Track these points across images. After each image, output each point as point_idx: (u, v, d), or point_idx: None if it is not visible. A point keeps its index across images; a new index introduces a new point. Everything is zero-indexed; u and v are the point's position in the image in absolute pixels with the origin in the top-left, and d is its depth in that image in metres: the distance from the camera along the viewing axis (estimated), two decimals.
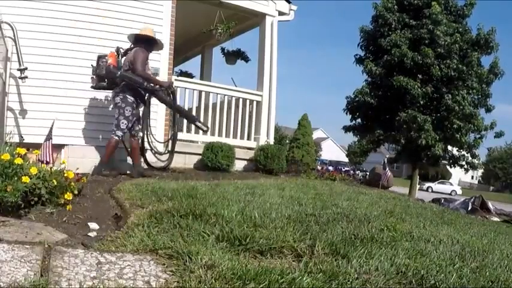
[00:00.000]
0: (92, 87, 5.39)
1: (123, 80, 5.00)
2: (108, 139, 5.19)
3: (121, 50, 5.24)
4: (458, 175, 44.01)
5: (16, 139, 4.82)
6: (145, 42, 5.16)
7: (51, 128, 4.18)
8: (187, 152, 6.42)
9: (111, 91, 5.26)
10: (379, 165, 8.06)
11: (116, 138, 5.10)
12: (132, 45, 5.19)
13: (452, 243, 2.91)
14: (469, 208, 8.04)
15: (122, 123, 5.07)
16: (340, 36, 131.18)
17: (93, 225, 2.96)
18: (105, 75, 5.13)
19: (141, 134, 5.44)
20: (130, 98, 5.06)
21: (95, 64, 5.23)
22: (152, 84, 5.16)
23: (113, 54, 5.14)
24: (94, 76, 5.30)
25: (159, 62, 6.03)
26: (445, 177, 44.80)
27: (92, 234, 2.77)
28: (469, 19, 14.12)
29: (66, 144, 5.41)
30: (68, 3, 5.43)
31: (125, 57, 5.18)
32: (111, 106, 5.48)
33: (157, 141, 6.03)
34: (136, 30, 5.81)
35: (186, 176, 5.40)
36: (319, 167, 8.84)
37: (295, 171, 6.91)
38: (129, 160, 5.50)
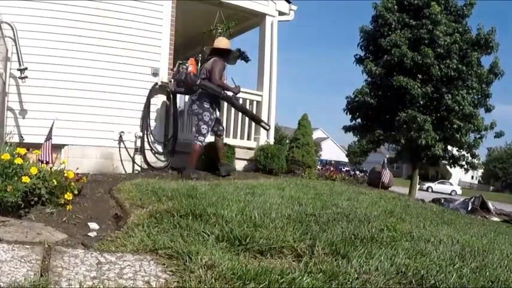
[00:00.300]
0: (170, 91, 5.81)
1: (201, 87, 5.34)
2: (110, 139, 5.39)
3: (199, 59, 5.66)
4: (458, 175, 44.00)
5: (16, 139, 4.82)
6: (222, 53, 5.52)
7: (51, 128, 4.17)
8: (187, 152, 6.42)
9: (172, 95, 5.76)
10: (379, 165, 8.06)
11: (199, 143, 5.42)
12: (209, 56, 5.57)
13: (452, 243, 2.91)
14: (469, 208, 8.03)
15: (203, 128, 5.39)
16: (340, 36, 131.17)
17: (93, 225, 2.96)
18: (184, 81, 5.45)
19: (222, 133, 5.78)
20: (207, 104, 5.38)
21: (175, 69, 5.61)
22: (228, 92, 5.51)
23: (192, 61, 5.54)
24: (172, 80, 5.67)
25: (159, 62, 6.03)
26: (445, 177, 44.80)
27: (92, 234, 2.77)
28: (468, 19, 14.14)
29: (66, 144, 5.40)
30: (68, 3, 5.42)
31: (202, 66, 5.55)
32: (187, 113, 5.79)
33: (157, 141, 6.04)
34: (136, 30, 5.84)
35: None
36: (319, 167, 8.84)
37: (295, 171, 6.90)
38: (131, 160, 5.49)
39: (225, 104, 6.84)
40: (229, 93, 5.61)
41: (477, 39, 13.38)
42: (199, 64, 5.62)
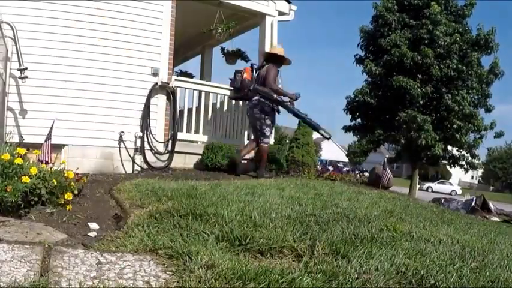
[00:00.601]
0: (230, 97, 6.29)
1: (256, 92, 5.70)
2: (110, 139, 5.45)
3: (254, 66, 6.02)
4: (458, 175, 44.01)
5: (16, 139, 4.81)
6: (276, 59, 5.86)
7: (51, 128, 4.17)
8: (187, 152, 6.42)
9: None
10: (379, 165, 8.05)
11: (266, 145, 5.88)
12: (264, 62, 5.94)
13: (452, 243, 2.91)
14: (470, 208, 8.03)
15: (266, 130, 5.81)
16: (340, 36, 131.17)
17: (93, 225, 2.96)
18: (240, 88, 5.85)
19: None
20: (267, 108, 5.76)
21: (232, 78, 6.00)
22: (282, 97, 5.79)
23: (247, 69, 5.92)
24: (232, 88, 6.11)
25: (159, 62, 6.03)
26: (445, 177, 44.81)
27: (92, 234, 2.77)
28: (469, 19, 14.15)
29: (66, 144, 5.40)
30: (68, 3, 5.43)
31: (258, 73, 5.91)
32: (250, 118, 6.09)
33: (157, 141, 6.04)
34: (136, 30, 5.84)
35: (186, 176, 5.40)
36: (319, 167, 8.84)
37: (295, 171, 6.90)
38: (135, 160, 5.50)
39: (225, 105, 6.86)
40: (286, 99, 5.89)
41: (477, 40, 13.39)
42: (255, 72, 5.99)
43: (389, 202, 4.67)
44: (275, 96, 5.70)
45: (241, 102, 6.99)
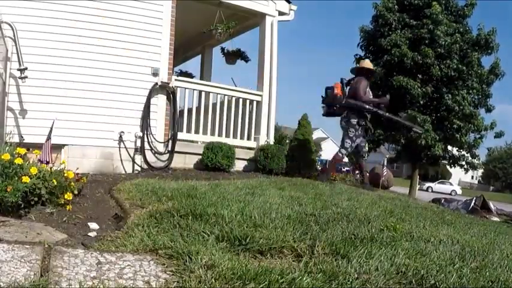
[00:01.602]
0: (323, 114, 6.38)
1: (348, 106, 5.90)
2: (110, 139, 5.49)
3: (344, 80, 6.19)
4: (458, 175, 43.99)
5: (16, 139, 4.81)
6: (365, 72, 6.13)
7: (51, 128, 4.17)
8: (187, 152, 6.42)
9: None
10: (379, 165, 8.06)
11: (340, 155, 6.10)
12: (354, 76, 6.15)
13: (452, 243, 2.90)
14: (469, 208, 8.02)
15: (346, 142, 5.97)
16: (340, 36, 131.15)
17: (93, 225, 2.96)
18: (332, 103, 6.07)
19: (365, 155, 6.38)
20: (353, 121, 5.92)
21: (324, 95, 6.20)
22: (372, 105, 5.97)
23: (338, 84, 6.08)
24: (324, 105, 6.26)
25: (159, 62, 6.03)
26: (445, 177, 44.78)
27: (92, 234, 2.77)
28: (469, 19, 14.13)
29: (66, 144, 5.40)
30: (68, 3, 5.43)
31: (349, 87, 6.11)
32: (343, 130, 6.16)
33: (157, 141, 6.04)
34: (136, 30, 5.84)
35: (186, 176, 5.40)
36: (319, 167, 8.83)
37: (295, 171, 6.90)
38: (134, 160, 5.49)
39: (225, 105, 6.86)
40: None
41: (477, 40, 13.38)
42: (345, 86, 6.20)
43: (389, 202, 4.67)
44: (367, 106, 5.90)
45: (240, 102, 7.00)
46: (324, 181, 5.85)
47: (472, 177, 55.55)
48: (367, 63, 6.39)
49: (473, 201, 8.16)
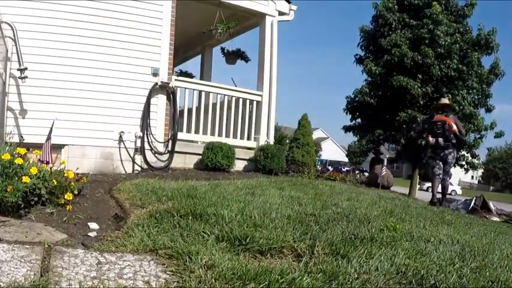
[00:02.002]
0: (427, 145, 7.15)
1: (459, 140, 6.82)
2: (110, 139, 5.57)
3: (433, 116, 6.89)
4: (458, 175, 43.94)
5: (16, 139, 4.82)
6: (447, 108, 7.03)
7: (51, 128, 4.18)
8: (187, 152, 6.43)
9: None
10: (378, 166, 8.06)
11: (437, 177, 7.11)
12: (440, 111, 6.86)
13: (452, 243, 2.90)
14: (469, 208, 8.02)
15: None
16: (340, 36, 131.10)
17: (93, 225, 2.96)
18: (453, 138, 6.70)
19: (447, 178, 7.26)
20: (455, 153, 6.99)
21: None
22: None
23: (450, 121, 6.64)
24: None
25: (159, 62, 6.03)
26: None
27: (92, 234, 2.77)
28: (469, 19, 14.12)
29: (66, 144, 5.41)
30: (68, 3, 5.43)
31: (443, 121, 6.68)
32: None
33: (157, 141, 6.04)
34: (136, 30, 5.84)
35: (186, 176, 5.40)
36: (319, 167, 8.86)
37: (295, 171, 6.90)
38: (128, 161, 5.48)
39: (225, 105, 6.87)
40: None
41: (478, 40, 13.37)
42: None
43: (389, 202, 4.67)
44: (463, 138, 6.86)
45: (240, 102, 6.99)
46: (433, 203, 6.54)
47: (472, 177, 55.53)
48: (448, 101, 7.72)
49: (473, 201, 8.17)
